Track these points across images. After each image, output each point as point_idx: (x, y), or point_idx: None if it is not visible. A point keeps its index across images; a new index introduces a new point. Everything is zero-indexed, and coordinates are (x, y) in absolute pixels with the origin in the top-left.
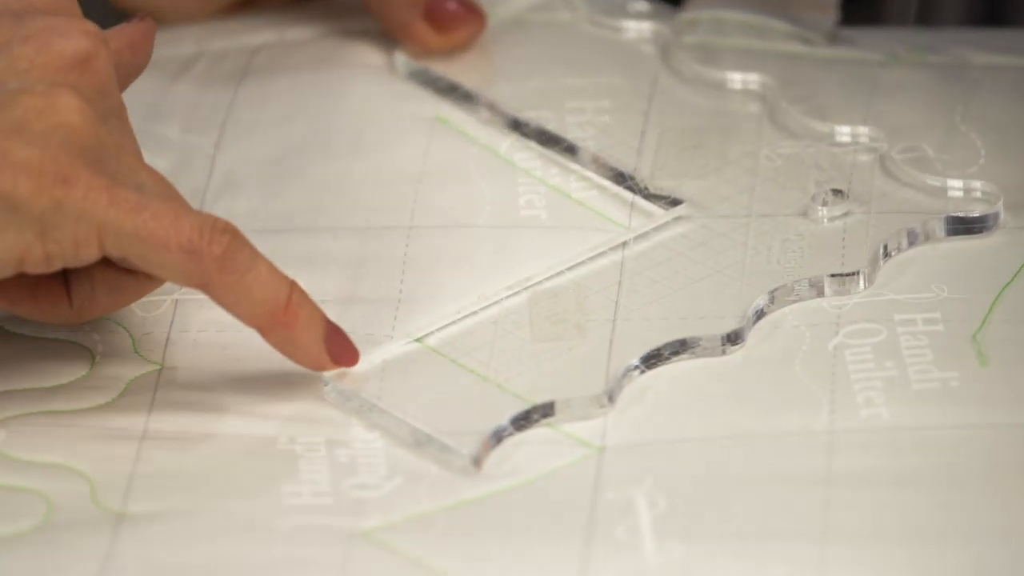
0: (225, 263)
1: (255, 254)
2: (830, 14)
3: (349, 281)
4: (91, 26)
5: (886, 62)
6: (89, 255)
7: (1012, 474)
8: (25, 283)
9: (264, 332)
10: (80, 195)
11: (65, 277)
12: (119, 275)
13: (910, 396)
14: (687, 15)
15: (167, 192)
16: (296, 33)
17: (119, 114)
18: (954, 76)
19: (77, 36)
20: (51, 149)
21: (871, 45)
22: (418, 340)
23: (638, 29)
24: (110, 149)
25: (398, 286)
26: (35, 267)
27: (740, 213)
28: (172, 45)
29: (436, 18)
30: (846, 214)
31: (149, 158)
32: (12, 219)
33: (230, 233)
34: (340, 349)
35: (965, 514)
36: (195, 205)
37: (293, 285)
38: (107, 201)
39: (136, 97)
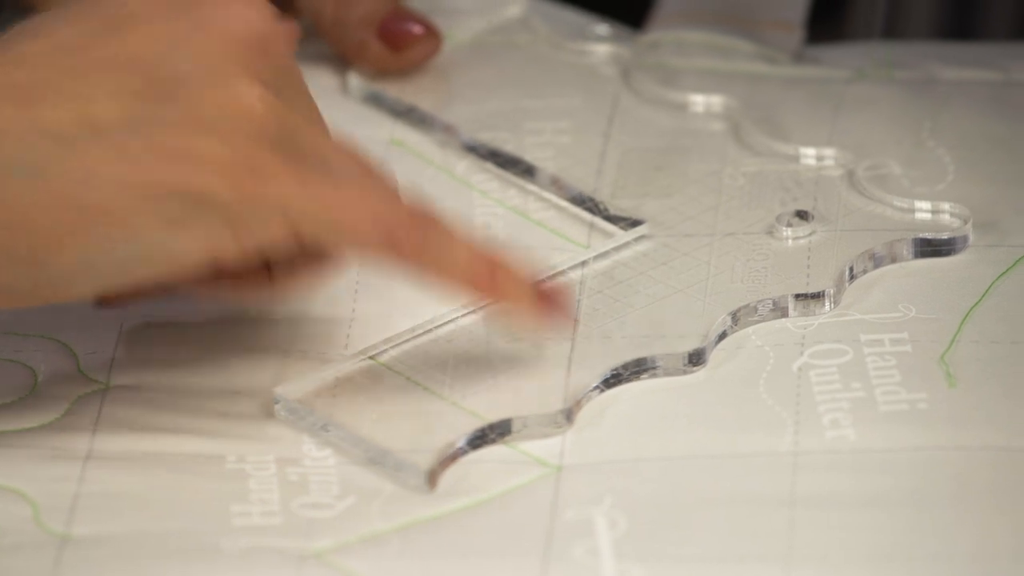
0: (422, 250)
1: (451, 235)
2: (795, 33)
3: (301, 301)
4: (262, 3)
5: (852, 79)
6: (284, 244)
7: (980, 496)
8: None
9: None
10: (272, 187)
11: None
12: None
13: (877, 417)
14: (648, 37)
15: (358, 167)
16: None
17: (299, 88)
18: (921, 91)
19: (250, 17)
20: (238, 141)
21: (837, 62)
22: (371, 358)
23: (598, 52)
24: (294, 130)
25: (351, 305)
26: (230, 260)
27: (703, 232)
28: None
29: (391, 37)
30: (811, 234)
31: None
32: (203, 215)
33: (428, 219)
34: (553, 312)
35: (932, 536)
36: None
37: (495, 263)
38: (299, 190)
39: None
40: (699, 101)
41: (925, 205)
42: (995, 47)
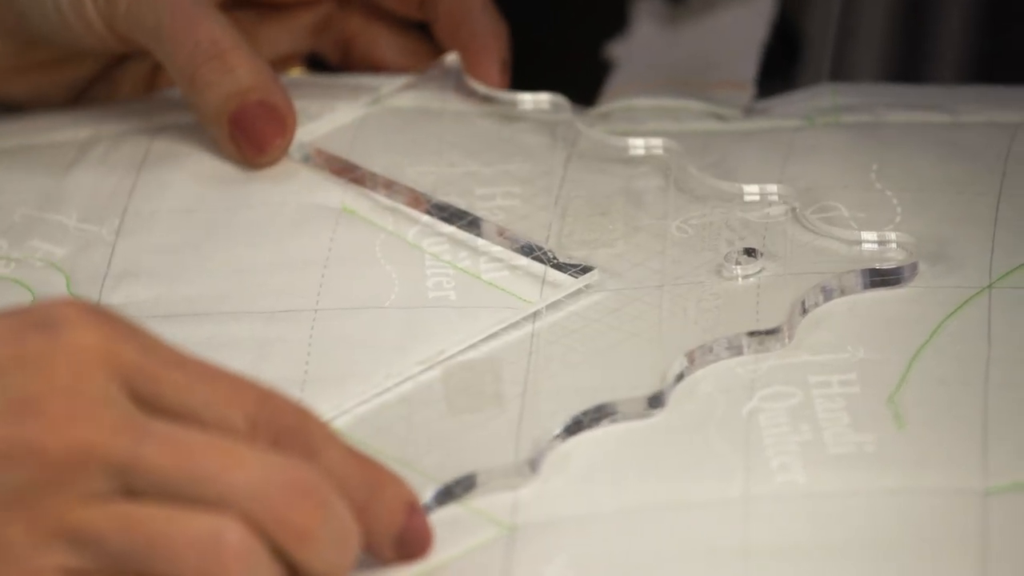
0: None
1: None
2: (747, 90)
3: (252, 363)
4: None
5: (800, 127)
6: None
7: (932, 539)
8: None
9: None
10: None
11: None
12: None
13: (826, 460)
14: (598, 109)
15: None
16: (193, 117)
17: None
18: (869, 134)
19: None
20: None
21: (786, 111)
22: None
23: (545, 117)
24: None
25: (303, 367)
26: None
27: (653, 278)
28: (68, 128)
29: (240, 139)
30: (761, 271)
31: (45, 247)
32: None
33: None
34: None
35: None
36: (94, 292)
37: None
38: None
39: (31, 184)
40: (638, 145)
41: (872, 236)
42: (942, 89)
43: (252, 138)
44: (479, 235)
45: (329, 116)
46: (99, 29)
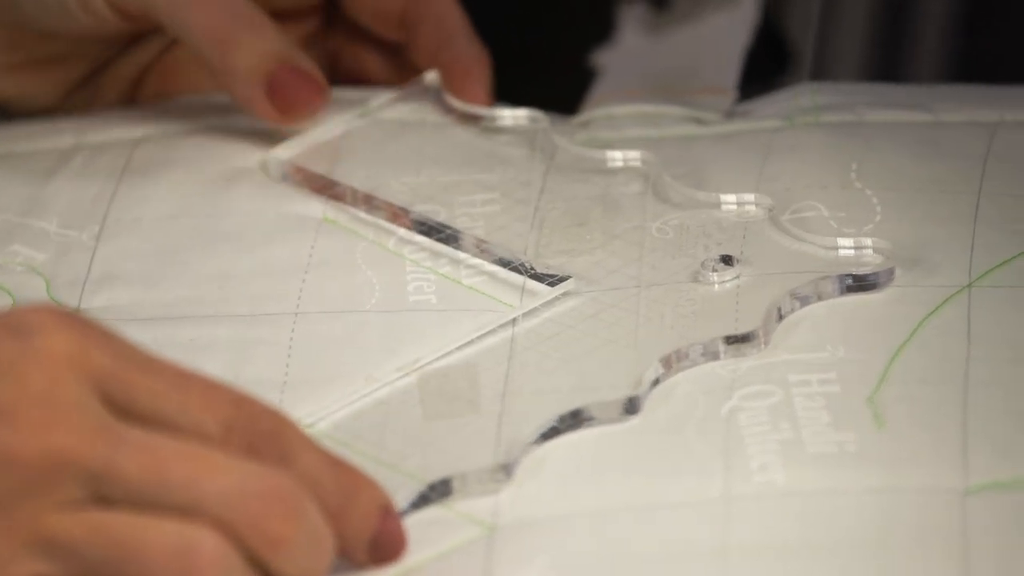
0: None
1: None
2: (728, 95)
3: (233, 365)
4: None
5: (780, 128)
6: None
7: (911, 538)
8: None
9: None
10: None
11: None
12: None
13: (806, 459)
14: (579, 118)
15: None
16: (177, 127)
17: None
18: (849, 134)
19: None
20: None
21: (766, 112)
22: (308, 427)
23: (524, 128)
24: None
25: (284, 369)
26: None
27: (630, 284)
28: (50, 136)
29: (278, 97)
30: (737, 277)
31: (26, 251)
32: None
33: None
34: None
35: None
36: (74, 296)
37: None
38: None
39: (13, 191)
40: (616, 157)
41: (848, 242)
42: (922, 88)
43: (288, 97)
44: (458, 248)
45: (315, 130)
46: (99, 8)
